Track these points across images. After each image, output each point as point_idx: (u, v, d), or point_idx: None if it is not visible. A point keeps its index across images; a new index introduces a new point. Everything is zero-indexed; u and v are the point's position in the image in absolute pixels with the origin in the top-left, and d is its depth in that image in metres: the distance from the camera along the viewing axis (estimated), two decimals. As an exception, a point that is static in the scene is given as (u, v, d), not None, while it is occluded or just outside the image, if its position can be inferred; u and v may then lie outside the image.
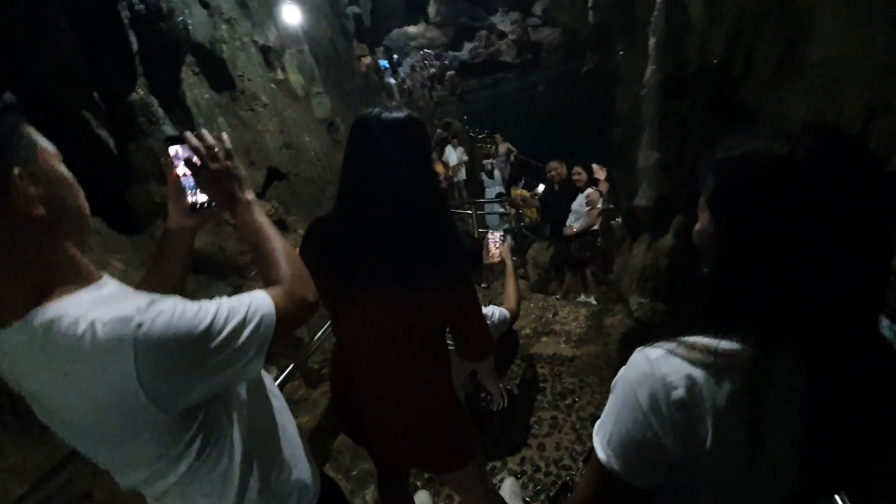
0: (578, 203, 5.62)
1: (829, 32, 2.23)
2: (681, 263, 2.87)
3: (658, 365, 0.67)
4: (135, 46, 2.81)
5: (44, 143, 0.74)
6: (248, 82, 4.50)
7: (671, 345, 0.68)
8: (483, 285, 5.59)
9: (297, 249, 1.21)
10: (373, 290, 1.21)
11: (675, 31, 2.41)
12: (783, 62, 2.36)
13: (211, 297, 0.81)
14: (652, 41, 2.51)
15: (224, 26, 4.31)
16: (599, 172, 6.19)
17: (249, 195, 1.01)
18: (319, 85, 6.15)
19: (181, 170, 0.99)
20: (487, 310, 2.07)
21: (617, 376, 0.74)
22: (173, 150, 0.99)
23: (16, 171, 0.67)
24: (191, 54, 3.93)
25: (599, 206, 5.53)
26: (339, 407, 1.57)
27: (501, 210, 9.11)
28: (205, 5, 4.06)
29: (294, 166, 4.86)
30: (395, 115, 1.19)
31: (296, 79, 5.61)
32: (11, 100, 0.70)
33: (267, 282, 0.93)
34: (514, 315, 2.22)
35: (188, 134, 0.99)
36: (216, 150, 0.98)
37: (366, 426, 1.44)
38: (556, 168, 6.24)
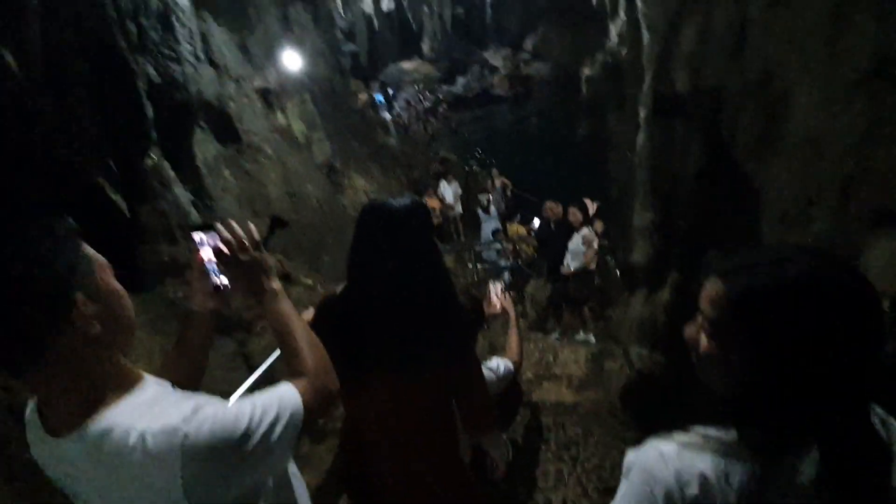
0: (575, 243, 5.73)
1: (805, 110, 2.40)
2: (677, 317, 2.97)
3: (672, 461, 0.71)
4: (150, 114, 2.94)
5: (98, 259, 0.78)
6: (253, 136, 4.65)
7: (684, 437, 0.74)
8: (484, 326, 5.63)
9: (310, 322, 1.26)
10: (382, 369, 1.29)
11: (664, 105, 2.57)
12: (765, 135, 2.52)
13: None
14: (642, 112, 2.67)
15: (232, 84, 4.48)
16: (590, 206, 6.36)
17: (276, 285, 1.04)
18: (320, 130, 6.32)
19: (205, 254, 1.02)
20: (492, 363, 2.13)
21: (629, 460, 0.78)
22: (198, 235, 1.03)
23: (79, 296, 0.73)
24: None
25: (595, 245, 5.65)
26: (348, 472, 1.63)
27: (499, 246, 9.22)
28: (213, 65, 4.23)
29: (296, 213, 4.97)
30: (401, 203, 1.30)
31: (298, 127, 5.78)
32: (73, 225, 0.76)
33: (292, 372, 0.97)
34: (518, 366, 2.28)
35: (219, 225, 1.03)
36: (245, 241, 1.01)
37: (373, 493, 1.49)
38: (553, 208, 6.39)
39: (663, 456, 0.72)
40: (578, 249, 5.61)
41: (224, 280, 1.04)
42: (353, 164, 9.49)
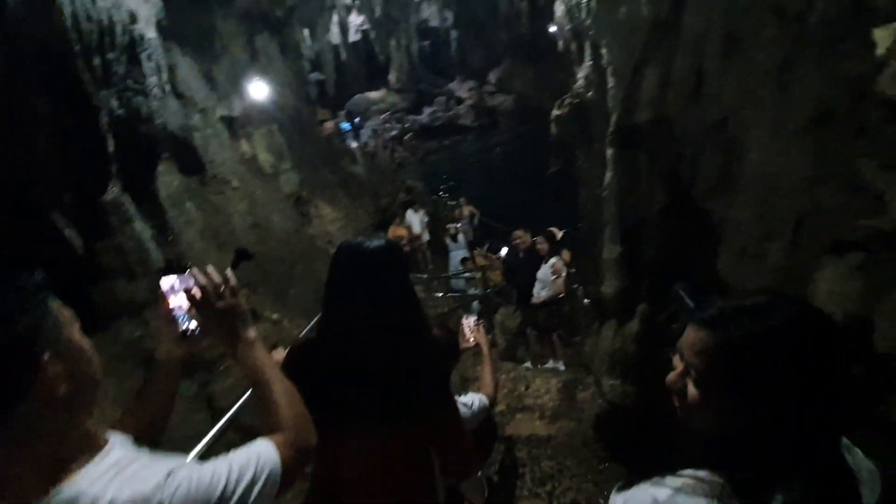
0: (544, 273, 5.81)
1: (759, 152, 2.56)
2: (647, 348, 3.03)
3: None
4: (111, 148, 2.83)
5: (65, 313, 0.73)
6: (219, 167, 4.55)
7: (676, 482, 0.74)
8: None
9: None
10: (358, 416, 1.25)
11: (628, 144, 2.69)
12: (723, 174, 2.67)
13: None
14: (609, 151, 2.78)
15: (197, 115, 4.39)
16: (557, 234, 6.49)
17: (252, 333, 1.00)
18: (287, 160, 6.26)
19: (175, 301, 0.98)
20: (467, 398, 2.10)
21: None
22: (167, 281, 0.99)
23: (45, 356, 0.67)
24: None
25: (564, 274, 5.75)
26: None
27: (467, 275, 9.25)
28: (179, 96, 4.14)
29: (262, 245, 4.85)
30: (376, 244, 1.28)
31: (265, 157, 5.70)
32: (42, 278, 0.70)
33: (267, 427, 0.92)
34: (493, 401, 2.25)
35: (195, 270, 0.98)
36: (222, 287, 0.97)
37: None
38: (521, 236, 6.49)
39: (657, 502, 0.72)
40: (547, 279, 5.69)
41: (193, 324, 0.99)
42: (320, 192, 9.40)
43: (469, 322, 2.40)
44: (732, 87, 2.45)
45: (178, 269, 1.02)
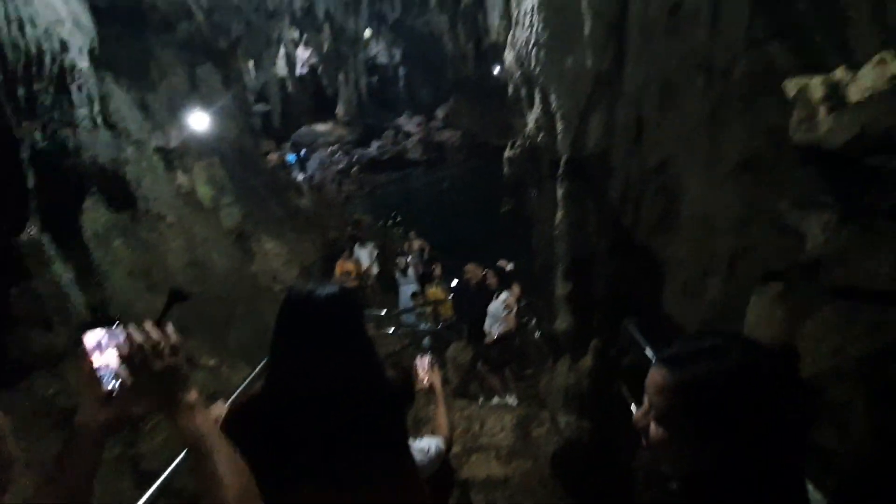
0: (496, 308, 5.84)
1: (695, 193, 2.74)
2: (602, 384, 3.08)
3: None
4: (30, 184, 2.57)
5: None
6: (153, 202, 4.27)
7: None
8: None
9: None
10: (309, 480, 1.14)
11: (577, 185, 2.80)
12: (664, 214, 2.83)
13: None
14: (559, 192, 2.88)
15: (130, 148, 4.14)
16: (506, 267, 6.57)
17: (192, 395, 0.90)
18: (229, 194, 6.00)
19: (101, 359, 0.86)
20: (423, 443, 2.01)
21: None
22: (93, 336, 0.87)
23: None
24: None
25: (515, 308, 5.80)
26: None
27: (418, 309, 9.15)
28: (111, 127, 3.89)
29: (200, 285, 4.55)
30: (329, 291, 1.20)
31: (204, 191, 5.43)
32: None
33: (208, 499, 0.83)
34: (449, 444, 2.18)
35: (130, 328, 0.86)
36: (161, 345, 0.86)
37: None
38: (472, 271, 6.53)
39: None
40: (499, 314, 5.72)
41: (117, 382, 0.86)
42: (263, 226, 9.06)
43: (423, 363, 2.34)
44: (669, 134, 2.63)
45: (105, 320, 0.93)
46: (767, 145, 2.75)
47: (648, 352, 2.53)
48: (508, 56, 3.07)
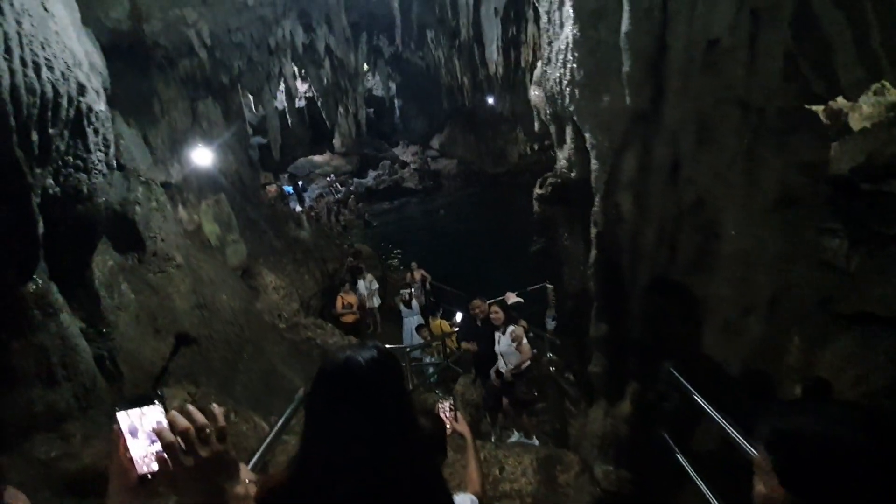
0: (505, 344, 5.65)
1: (733, 233, 2.65)
2: (641, 431, 2.92)
3: None
4: (39, 231, 2.43)
5: None
6: (160, 242, 4.12)
7: None
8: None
9: None
10: None
11: (612, 223, 2.70)
12: (701, 252, 2.73)
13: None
14: (593, 230, 2.78)
15: (140, 188, 4.02)
16: (511, 299, 6.40)
17: (242, 489, 0.79)
18: (235, 231, 5.86)
19: (136, 446, 0.75)
20: (458, 499, 1.85)
21: None
22: (126, 417, 0.76)
23: None
24: (97, 218, 3.53)
25: (525, 340, 5.62)
26: None
27: (423, 342, 8.93)
28: (121, 168, 3.78)
29: (207, 328, 4.36)
30: (368, 356, 1.06)
31: (211, 229, 5.30)
32: None
33: None
34: (482, 499, 2.01)
35: (174, 414, 0.76)
36: (207, 431, 0.76)
37: None
38: (479, 306, 6.35)
39: None
40: (508, 350, 5.53)
41: (154, 465, 0.76)
42: (264, 260, 8.92)
43: (444, 406, 2.19)
44: (705, 170, 2.56)
45: (142, 399, 0.79)
46: (805, 180, 2.70)
47: (698, 399, 2.39)
48: (535, 93, 3.03)
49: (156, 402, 0.79)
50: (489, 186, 20.58)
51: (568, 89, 2.50)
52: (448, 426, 2.09)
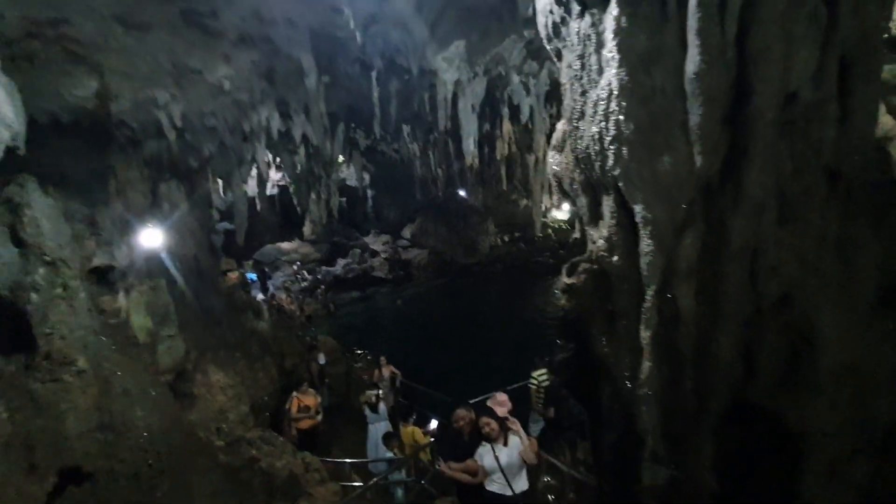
0: (508, 457, 4.62)
1: (832, 338, 1.98)
2: None
3: None
4: None
5: None
6: (58, 341, 3.14)
7: None
8: None
9: None
10: None
11: (670, 325, 1.99)
12: (792, 366, 2.03)
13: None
14: (644, 334, 2.05)
15: (41, 270, 3.13)
16: (507, 403, 5.51)
17: None
18: (172, 325, 4.86)
19: None
20: None
21: None
22: None
23: None
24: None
25: (527, 441, 4.64)
26: None
27: (390, 454, 7.62)
28: (18, 243, 2.93)
29: (108, 459, 3.23)
30: None
31: (140, 322, 4.31)
32: None
33: None
34: None
35: None
36: None
37: None
38: (464, 416, 5.35)
39: None
40: (516, 461, 4.50)
41: None
42: (211, 355, 7.79)
43: None
44: (791, 256, 1.95)
45: None
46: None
47: None
48: (555, 158, 2.47)
49: None
50: (460, 276, 20.35)
51: (612, 148, 1.92)
52: None
